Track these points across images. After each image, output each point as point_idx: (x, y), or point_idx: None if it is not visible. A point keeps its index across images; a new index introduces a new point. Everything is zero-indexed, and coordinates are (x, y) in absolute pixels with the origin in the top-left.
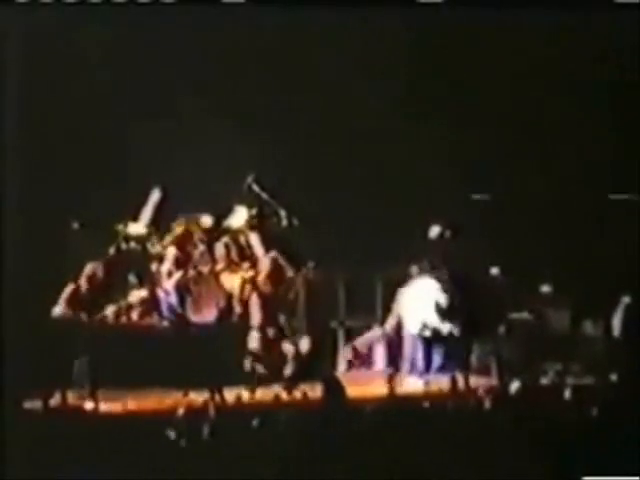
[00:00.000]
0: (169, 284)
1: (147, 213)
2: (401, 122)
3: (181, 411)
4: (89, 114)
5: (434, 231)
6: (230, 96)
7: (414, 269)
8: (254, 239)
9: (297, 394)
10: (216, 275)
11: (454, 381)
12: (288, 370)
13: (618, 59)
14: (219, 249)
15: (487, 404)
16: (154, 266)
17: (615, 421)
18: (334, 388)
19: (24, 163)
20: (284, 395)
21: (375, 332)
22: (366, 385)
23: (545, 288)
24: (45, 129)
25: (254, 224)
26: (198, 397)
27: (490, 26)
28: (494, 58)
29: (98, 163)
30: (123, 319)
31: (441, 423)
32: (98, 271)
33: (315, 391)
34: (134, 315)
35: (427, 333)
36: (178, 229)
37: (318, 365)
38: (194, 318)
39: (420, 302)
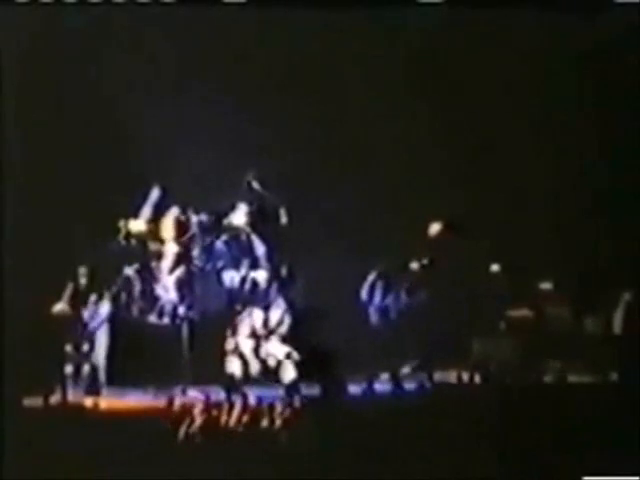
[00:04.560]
0: (169, 281)
1: (147, 211)
2: (401, 121)
3: (181, 410)
4: (89, 113)
5: (434, 229)
6: (230, 95)
7: (414, 265)
8: (254, 236)
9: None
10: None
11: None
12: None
13: (618, 59)
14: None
15: (486, 402)
16: (154, 263)
17: (615, 421)
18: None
19: (23, 162)
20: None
21: None
22: None
23: (545, 285)
24: (45, 129)
25: (254, 221)
26: (198, 396)
27: (490, 26)
28: (494, 58)
29: (98, 161)
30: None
31: (441, 421)
32: (97, 269)
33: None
34: (134, 312)
35: None
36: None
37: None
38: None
39: None
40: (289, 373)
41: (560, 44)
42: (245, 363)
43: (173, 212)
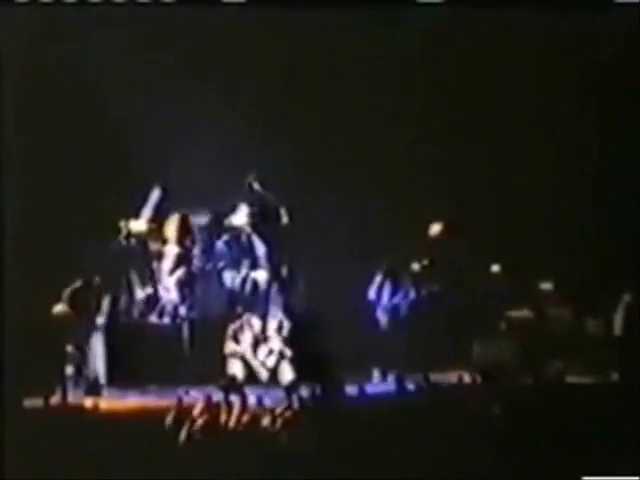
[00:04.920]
0: (170, 282)
1: (147, 212)
2: (401, 121)
3: (182, 410)
4: (89, 113)
5: (435, 230)
6: (230, 95)
7: (415, 266)
8: (255, 236)
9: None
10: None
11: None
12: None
13: (618, 59)
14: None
15: (486, 403)
16: (155, 264)
17: (615, 421)
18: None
19: (23, 162)
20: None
21: None
22: None
23: (546, 285)
24: (45, 129)
25: (255, 222)
26: (199, 396)
27: (490, 26)
28: (494, 58)
29: (98, 161)
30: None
31: (441, 422)
32: (98, 270)
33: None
34: (135, 312)
35: None
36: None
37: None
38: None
39: None
40: (287, 375)
41: (560, 44)
42: (247, 366)
43: (177, 215)
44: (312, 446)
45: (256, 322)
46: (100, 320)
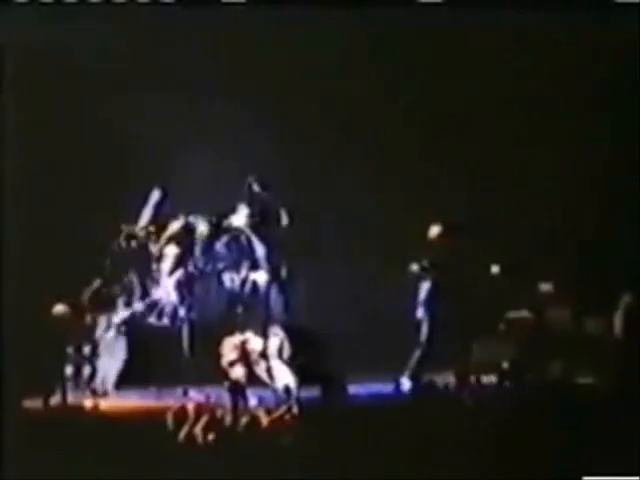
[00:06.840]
0: (169, 283)
1: (147, 213)
2: (401, 122)
3: (181, 411)
4: (89, 114)
5: (434, 231)
6: (230, 96)
7: (414, 267)
8: (254, 237)
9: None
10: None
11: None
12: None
13: (618, 59)
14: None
15: (486, 403)
16: (154, 265)
17: (615, 421)
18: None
19: (24, 161)
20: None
21: None
22: None
23: (545, 286)
24: (45, 129)
25: (254, 223)
26: (199, 397)
27: (490, 26)
28: (494, 58)
29: (98, 163)
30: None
31: (440, 422)
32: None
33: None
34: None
35: None
36: (175, 227)
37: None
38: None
39: None
40: (288, 377)
41: (560, 44)
42: (249, 370)
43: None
44: (314, 447)
45: (256, 342)
46: (116, 321)
